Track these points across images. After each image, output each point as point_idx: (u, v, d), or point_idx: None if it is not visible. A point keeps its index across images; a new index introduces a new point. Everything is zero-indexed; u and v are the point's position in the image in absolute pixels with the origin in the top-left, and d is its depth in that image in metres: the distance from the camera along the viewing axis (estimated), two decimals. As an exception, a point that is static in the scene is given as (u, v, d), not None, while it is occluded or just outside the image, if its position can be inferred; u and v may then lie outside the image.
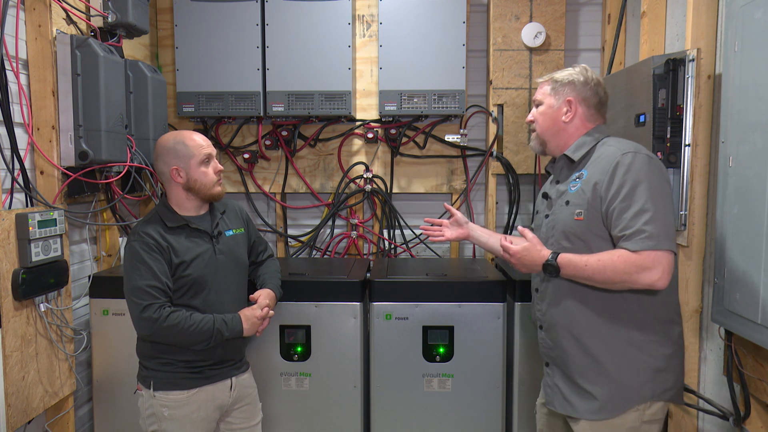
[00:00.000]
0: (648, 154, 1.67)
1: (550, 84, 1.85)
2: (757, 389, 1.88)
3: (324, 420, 2.48)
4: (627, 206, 1.61)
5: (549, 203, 1.86)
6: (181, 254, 1.93)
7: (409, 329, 2.44)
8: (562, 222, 1.76)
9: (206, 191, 1.99)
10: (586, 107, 1.81)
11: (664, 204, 1.62)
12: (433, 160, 3.21)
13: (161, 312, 1.85)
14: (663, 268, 1.58)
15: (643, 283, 1.59)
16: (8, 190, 2.18)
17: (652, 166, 1.64)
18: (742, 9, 1.78)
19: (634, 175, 1.62)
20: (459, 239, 2.24)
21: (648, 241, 1.57)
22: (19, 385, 2.12)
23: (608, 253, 1.63)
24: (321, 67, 2.95)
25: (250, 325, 2.01)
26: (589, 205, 1.68)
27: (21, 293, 2.09)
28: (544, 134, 1.86)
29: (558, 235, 1.77)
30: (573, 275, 1.68)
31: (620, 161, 1.65)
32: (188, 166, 1.96)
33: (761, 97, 1.69)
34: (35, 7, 2.26)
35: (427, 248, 3.27)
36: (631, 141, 1.75)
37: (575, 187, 1.74)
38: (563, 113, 1.82)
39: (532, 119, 1.90)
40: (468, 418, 2.47)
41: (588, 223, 1.69)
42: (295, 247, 3.28)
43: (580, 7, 3.18)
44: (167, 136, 2.01)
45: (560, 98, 1.82)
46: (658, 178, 1.64)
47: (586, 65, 1.86)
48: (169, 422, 1.94)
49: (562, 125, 1.82)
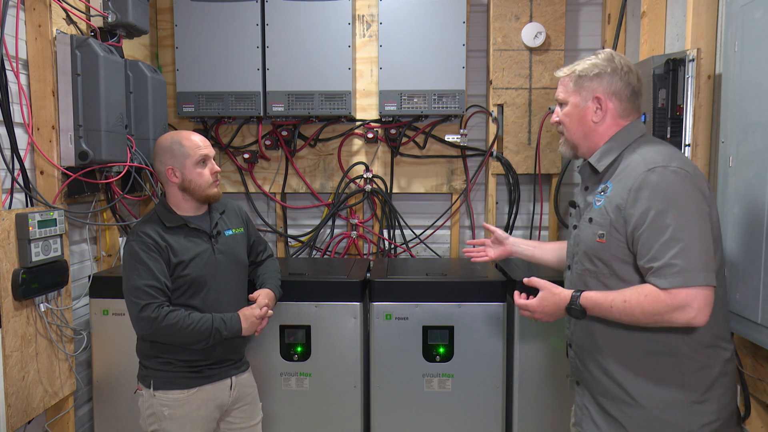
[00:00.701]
0: (679, 167, 1.44)
1: (572, 79, 1.60)
2: (757, 389, 1.88)
3: (324, 420, 2.48)
4: (654, 235, 1.40)
5: (577, 212, 1.67)
6: (179, 254, 1.93)
7: (409, 329, 2.44)
8: (585, 242, 1.59)
9: (201, 192, 1.98)
10: (618, 101, 1.57)
11: (699, 230, 1.39)
12: (433, 160, 3.21)
13: (159, 311, 1.85)
14: (699, 304, 1.36)
15: (679, 323, 1.39)
16: (8, 190, 2.18)
17: (684, 183, 1.41)
18: (742, 9, 1.78)
19: (662, 196, 1.41)
20: (503, 257, 2.08)
21: (678, 277, 1.36)
22: (19, 385, 2.12)
23: (635, 292, 1.43)
24: (321, 67, 2.94)
25: (249, 324, 2.01)
26: (611, 227, 1.50)
27: (21, 293, 2.09)
28: (573, 138, 1.63)
29: (581, 255, 1.61)
30: (600, 316, 1.51)
31: (645, 180, 1.43)
32: (183, 166, 1.95)
33: (761, 97, 1.69)
34: (35, 7, 2.26)
35: (427, 248, 3.27)
36: (662, 148, 1.53)
37: (599, 203, 1.55)
38: (592, 112, 1.58)
39: (558, 120, 1.66)
40: (468, 418, 2.46)
41: (610, 246, 1.51)
42: (295, 247, 3.28)
43: (580, 7, 3.18)
44: (165, 136, 2.01)
45: (587, 95, 1.58)
46: (691, 197, 1.41)
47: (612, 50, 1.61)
48: (169, 421, 1.95)
49: (592, 126, 1.59)
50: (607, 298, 1.48)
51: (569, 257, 1.71)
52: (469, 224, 3.28)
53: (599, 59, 1.58)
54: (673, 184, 1.41)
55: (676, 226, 1.39)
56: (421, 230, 3.26)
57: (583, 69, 1.58)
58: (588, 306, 1.52)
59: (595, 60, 1.58)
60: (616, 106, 1.57)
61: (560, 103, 1.66)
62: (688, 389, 1.49)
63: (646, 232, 1.42)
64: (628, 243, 1.48)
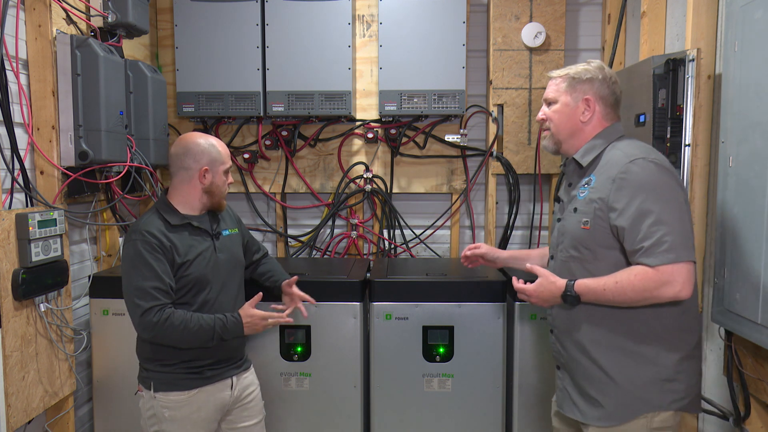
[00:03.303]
0: (657, 159, 1.60)
1: (566, 81, 1.75)
2: (757, 389, 1.88)
3: (324, 420, 2.48)
4: (640, 219, 1.54)
5: (561, 206, 1.82)
6: (183, 253, 1.93)
7: (409, 329, 2.44)
8: (570, 230, 1.72)
9: (220, 198, 2.04)
10: (604, 105, 1.73)
11: (679, 212, 1.56)
12: (433, 160, 3.21)
13: (161, 315, 1.84)
14: (684, 278, 1.52)
15: (667, 297, 1.54)
16: (8, 190, 2.18)
17: (663, 173, 1.58)
18: (742, 9, 1.78)
19: (644, 185, 1.56)
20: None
21: (668, 254, 1.51)
22: (19, 385, 2.12)
23: (625, 273, 1.58)
24: (321, 67, 2.94)
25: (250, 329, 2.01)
26: (595, 215, 1.63)
27: (21, 293, 2.09)
28: (559, 134, 1.78)
29: (566, 243, 1.74)
30: (594, 300, 1.63)
31: (627, 170, 1.58)
32: (216, 171, 1.99)
33: (761, 97, 1.69)
34: (35, 7, 2.26)
35: (427, 248, 3.27)
36: (640, 144, 1.69)
37: (583, 194, 1.69)
38: (581, 112, 1.73)
39: (544, 117, 1.80)
40: (468, 418, 2.46)
41: (594, 232, 1.64)
42: (295, 247, 3.28)
43: (580, 7, 3.18)
44: (197, 137, 2.00)
45: (578, 96, 1.73)
46: (670, 185, 1.57)
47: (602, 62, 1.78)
48: (170, 423, 1.94)
49: (579, 125, 1.74)
50: (599, 282, 1.61)
51: (552, 248, 1.84)
52: (469, 224, 3.28)
53: (591, 66, 1.75)
54: (653, 174, 1.57)
55: (660, 210, 1.54)
56: (421, 230, 3.26)
57: (577, 72, 1.74)
58: (582, 292, 1.64)
59: (587, 66, 1.75)
60: (602, 109, 1.74)
61: (549, 102, 1.79)
62: (662, 369, 1.63)
63: (632, 217, 1.56)
64: (613, 230, 1.62)
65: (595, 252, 1.65)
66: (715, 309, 1.93)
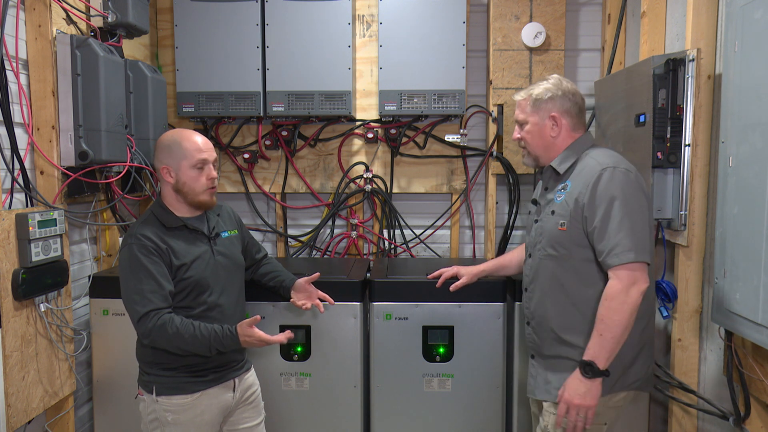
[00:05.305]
0: (626, 168, 1.76)
1: (529, 102, 1.90)
2: (757, 389, 1.88)
3: (324, 420, 2.48)
4: (606, 222, 1.71)
5: (538, 209, 1.97)
6: (180, 256, 1.90)
7: (409, 329, 2.44)
8: (548, 230, 1.87)
9: (193, 197, 1.94)
10: (569, 117, 1.88)
11: (641, 218, 1.73)
12: (433, 160, 3.21)
13: (156, 321, 1.80)
14: (644, 277, 1.70)
15: (639, 294, 1.69)
16: (8, 190, 2.18)
17: (629, 181, 1.74)
18: (742, 9, 1.78)
19: (612, 192, 1.72)
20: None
21: (628, 254, 1.68)
22: (19, 385, 2.12)
23: (600, 306, 1.73)
24: (321, 67, 2.94)
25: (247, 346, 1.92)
26: (571, 216, 1.79)
27: (21, 293, 2.09)
28: (535, 151, 1.94)
29: (544, 242, 1.88)
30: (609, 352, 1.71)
31: (599, 177, 1.74)
32: (179, 167, 1.91)
33: (761, 97, 1.69)
34: (35, 7, 2.26)
35: (427, 248, 3.27)
36: (611, 153, 1.84)
37: (560, 198, 1.85)
38: (550, 128, 1.88)
39: (519, 137, 1.96)
40: (468, 418, 2.47)
41: (570, 233, 1.80)
42: (295, 247, 3.28)
43: (580, 7, 3.18)
44: (168, 134, 1.98)
45: (544, 115, 1.88)
46: (635, 193, 1.74)
47: (558, 75, 1.92)
48: (173, 427, 1.92)
49: (550, 140, 1.90)
50: (595, 334, 1.73)
51: (530, 247, 1.98)
52: (469, 224, 3.28)
53: (550, 84, 1.88)
54: (620, 182, 1.73)
55: (624, 215, 1.70)
56: (421, 230, 3.26)
57: (539, 93, 1.88)
58: (593, 356, 1.72)
59: (546, 84, 1.89)
60: (569, 121, 1.89)
61: (520, 123, 1.94)
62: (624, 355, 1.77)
63: (600, 221, 1.73)
64: (585, 231, 1.78)
65: (571, 250, 1.81)
66: (715, 309, 1.93)
